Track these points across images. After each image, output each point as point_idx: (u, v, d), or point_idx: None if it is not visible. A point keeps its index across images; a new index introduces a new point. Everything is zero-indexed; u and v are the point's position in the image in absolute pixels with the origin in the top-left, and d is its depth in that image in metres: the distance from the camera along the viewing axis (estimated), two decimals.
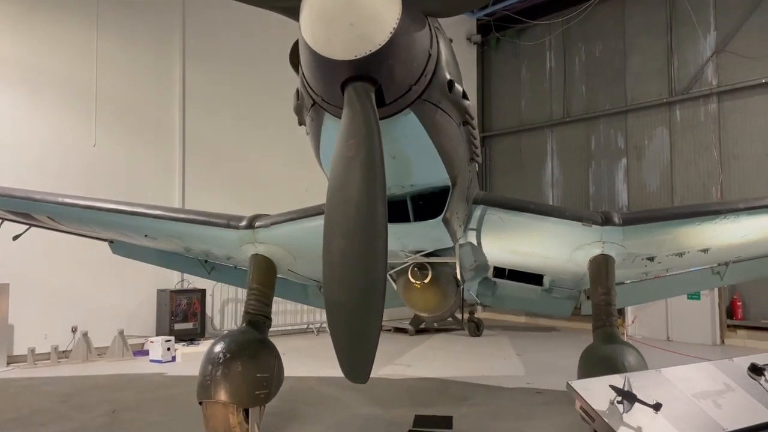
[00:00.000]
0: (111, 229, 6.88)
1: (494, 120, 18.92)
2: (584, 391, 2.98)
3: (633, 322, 13.74)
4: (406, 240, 4.98)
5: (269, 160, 14.28)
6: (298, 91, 3.68)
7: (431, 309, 6.30)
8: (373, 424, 6.84)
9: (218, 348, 5.37)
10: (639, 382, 3.12)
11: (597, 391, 3.02)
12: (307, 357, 10.91)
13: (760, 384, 3.77)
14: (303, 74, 3.37)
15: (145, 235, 6.64)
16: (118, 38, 12.35)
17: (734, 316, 13.03)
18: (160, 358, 10.64)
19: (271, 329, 6.03)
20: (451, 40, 3.83)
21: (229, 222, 6.09)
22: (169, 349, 10.77)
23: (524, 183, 17.74)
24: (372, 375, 3.13)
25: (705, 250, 5.89)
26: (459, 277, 6.08)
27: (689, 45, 14.13)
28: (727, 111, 13.45)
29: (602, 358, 4.99)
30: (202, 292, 12.39)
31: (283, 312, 13.91)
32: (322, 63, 2.99)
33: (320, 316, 14.49)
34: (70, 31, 11.75)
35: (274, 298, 6.16)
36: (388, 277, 7.23)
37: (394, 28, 2.88)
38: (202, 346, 11.50)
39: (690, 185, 14.07)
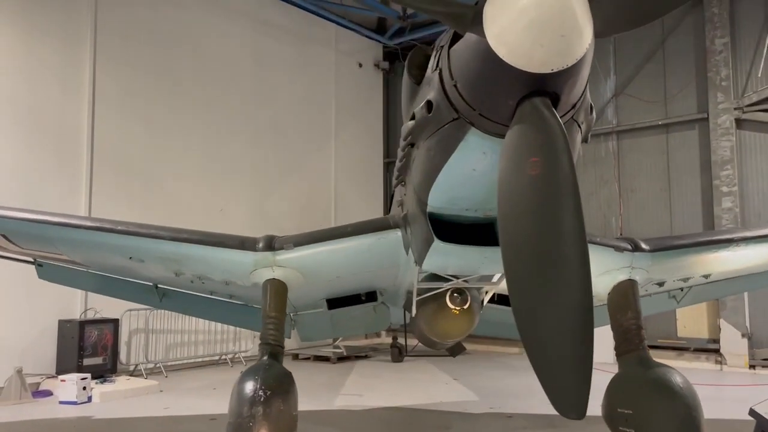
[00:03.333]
0: (81, 250, 5.87)
1: (397, 145, 19.04)
2: None
3: None
4: (484, 264, 4.73)
5: (184, 176, 13.18)
6: (429, 103, 3.43)
7: (462, 334, 6.06)
8: None
9: (252, 384, 4.79)
10: None
11: None
12: None
13: None
14: (454, 85, 3.15)
15: (130, 257, 5.74)
16: (18, 30, 10.81)
17: None
18: (75, 399, 9.16)
19: (179, 363, 5.44)
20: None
21: (244, 243, 5.48)
22: (84, 388, 9.34)
23: None
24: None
25: (707, 276, 6.30)
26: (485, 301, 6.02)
27: (592, 86, 15.08)
28: (625, 148, 14.77)
29: (653, 382, 5.09)
30: (115, 322, 10.97)
31: (189, 343, 12.69)
32: (509, 74, 2.83)
33: (234, 345, 13.52)
34: None
35: (179, 329, 5.62)
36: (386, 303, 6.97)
37: (589, 44, 2.82)
38: (120, 384, 10.20)
39: (592, 215, 15.16)
